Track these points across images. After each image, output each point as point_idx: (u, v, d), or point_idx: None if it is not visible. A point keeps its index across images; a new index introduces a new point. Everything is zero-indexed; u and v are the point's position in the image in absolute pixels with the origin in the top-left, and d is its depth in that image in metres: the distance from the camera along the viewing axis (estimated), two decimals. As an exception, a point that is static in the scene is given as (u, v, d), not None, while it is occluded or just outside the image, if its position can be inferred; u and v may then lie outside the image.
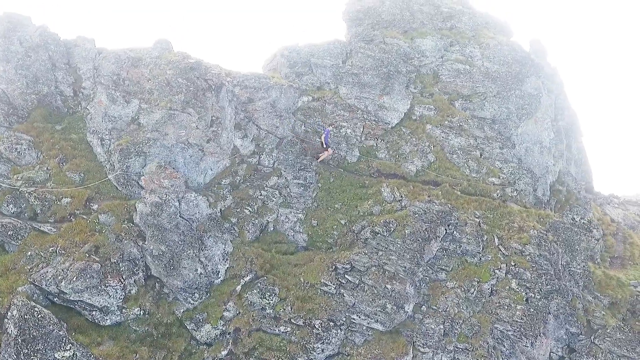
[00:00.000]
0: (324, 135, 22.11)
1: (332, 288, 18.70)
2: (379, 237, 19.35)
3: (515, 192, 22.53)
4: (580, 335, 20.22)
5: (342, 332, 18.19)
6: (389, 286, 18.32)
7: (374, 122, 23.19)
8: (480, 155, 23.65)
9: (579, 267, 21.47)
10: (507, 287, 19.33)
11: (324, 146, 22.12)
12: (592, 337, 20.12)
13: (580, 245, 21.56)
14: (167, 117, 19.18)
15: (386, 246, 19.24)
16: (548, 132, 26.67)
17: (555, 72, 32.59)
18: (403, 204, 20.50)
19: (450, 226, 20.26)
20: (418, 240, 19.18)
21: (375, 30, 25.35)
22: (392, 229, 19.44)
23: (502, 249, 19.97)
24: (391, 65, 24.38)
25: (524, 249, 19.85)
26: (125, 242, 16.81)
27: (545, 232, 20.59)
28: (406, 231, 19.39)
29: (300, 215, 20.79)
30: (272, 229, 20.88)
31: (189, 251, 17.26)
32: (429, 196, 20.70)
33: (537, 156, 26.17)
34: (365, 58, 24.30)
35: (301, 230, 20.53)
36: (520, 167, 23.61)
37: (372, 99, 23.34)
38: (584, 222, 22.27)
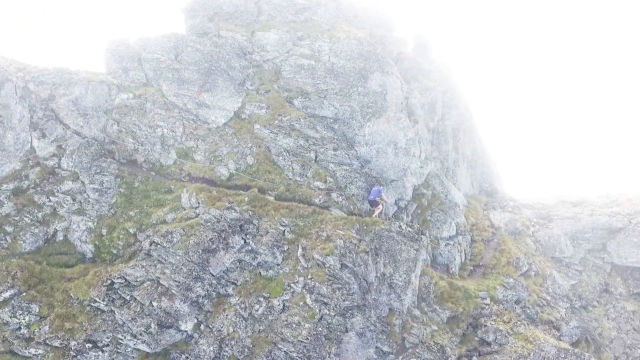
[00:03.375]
0: (372, 195, 21.24)
1: (103, 305, 17.03)
2: (160, 248, 17.65)
3: (341, 196, 20.82)
4: (390, 355, 18.56)
5: (107, 355, 16.50)
6: (155, 303, 16.62)
7: (192, 121, 21.44)
8: (315, 157, 21.94)
9: (400, 279, 19.78)
10: (302, 302, 17.64)
11: (372, 206, 21.34)
12: (401, 357, 18.48)
13: (402, 255, 19.85)
14: None
15: (166, 258, 17.53)
16: (405, 131, 24.90)
17: (438, 69, 30.94)
18: (198, 211, 18.78)
19: (248, 235, 18.58)
20: (199, 251, 17.49)
21: (212, 23, 23.59)
22: (175, 240, 17.73)
23: (302, 261, 18.28)
24: (222, 60, 22.62)
25: (325, 261, 18.16)
26: None
27: (356, 242, 18.87)
28: (190, 241, 17.69)
29: (90, 223, 19.06)
30: (62, 238, 19.15)
31: None
32: (229, 202, 18.99)
33: (392, 158, 24.43)
34: (194, 52, 22.54)
35: (87, 240, 18.80)
36: (353, 170, 21.88)
37: (190, 96, 21.58)
38: (409, 231, 20.53)
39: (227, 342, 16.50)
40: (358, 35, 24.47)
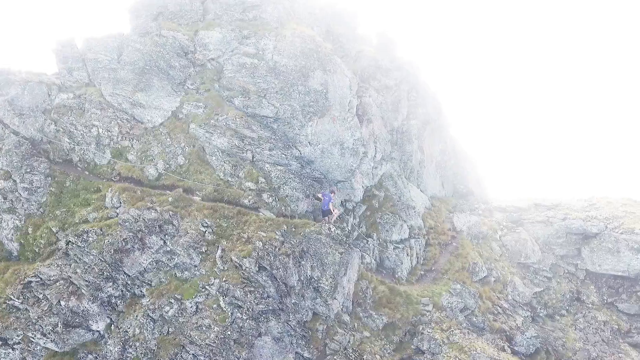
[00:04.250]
0: (323, 202, 21.02)
1: (18, 303, 17.16)
2: (75, 248, 17.67)
3: (272, 197, 20.36)
4: (310, 361, 18.04)
5: (17, 352, 16.63)
6: (63, 302, 16.64)
7: (126, 120, 21.42)
8: (252, 157, 21.57)
9: (327, 283, 19.18)
10: (216, 305, 17.33)
11: (325, 213, 21.00)
12: (319, 364, 17.91)
13: (328, 258, 19.24)
14: None
15: (81, 257, 17.55)
16: (352, 131, 24.22)
17: (401, 67, 30.05)
18: (119, 210, 18.71)
19: (167, 236, 18.38)
20: (111, 251, 17.40)
21: (155, 22, 23.54)
22: (91, 239, 17.71)
23: (219, 263, 17.94)
24: (162, 60, 22.53)
25: (241, 263, 17.78)
26: None
27: (277, 245, 18.38)
28: (105, 241, 17.63)
29: (17, 222, 19.27)
30: (-9, 236, 19.50)
31: None
32: (152, 202, 18.85)
33: (338, 158, 23.83)
34: (134, 52, 22.52)
35: (13, 238, 19.01)
36: (289, 170, 21.39)
37: (125, 95, 21.57)
38: (338, 233, 19.87)
39: (131, 344, 16.37)
40: (305, 33, 23.96)
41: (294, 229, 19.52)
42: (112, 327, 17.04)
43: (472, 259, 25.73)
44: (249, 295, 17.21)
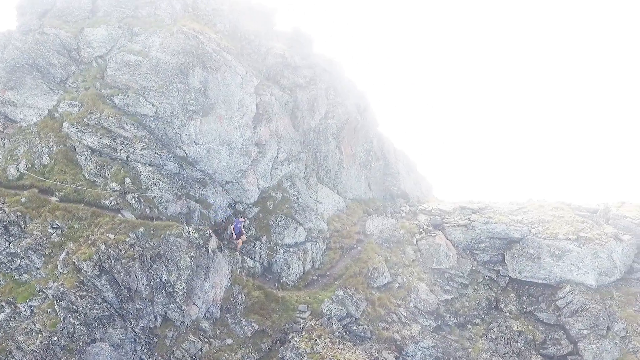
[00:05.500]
0: (232, 226, 21.45)
1: None
2: None
3: (135, 199, 19.71)
4: (156, 369, 17.32)
5: None
6: None
7: (-5, 120, 21.16)
8: (127, 157, 20.99)
9: (181, 288, 18.43)
10: (51, 309, 16.76)
11: (234, 236, 21.32)
12: (158, 372, 17.18)
13: (181, 262, 18.49)
14: None
15: None
16: (242, 130, 23.42)
17: (315, 64, 29.09)
18: (-35, 212, 18.36)
19: (12, 237, 17.92)
20: (-56, 253, 17.06)
21: (38, 20, 23.22)
22: None
23: (60, 266, 17.38)
24: (41, 58, 22.18)
25: (80, 266, 17.18)
26: None
27: (124, 247, 17.69)
28: (-58, 243, 17.29)
29: None
30: None
31: None
32: (2, 203, 18.43)
33: (226, 158, 23.09)
34: (14, 50, 22.23)
35: None
36: (158, 171, 20.71)
37: (-6, 94, 21.34)
38: (195, 236, 19.10)
39: (-50, 349, 15.97)
40: (192, 30, 23.24)
41: (152, 232, 18.86)
42: (-57, 330, 16.69)
43: (374, 264, 24.57)
44: (80, 300, 16.60)
